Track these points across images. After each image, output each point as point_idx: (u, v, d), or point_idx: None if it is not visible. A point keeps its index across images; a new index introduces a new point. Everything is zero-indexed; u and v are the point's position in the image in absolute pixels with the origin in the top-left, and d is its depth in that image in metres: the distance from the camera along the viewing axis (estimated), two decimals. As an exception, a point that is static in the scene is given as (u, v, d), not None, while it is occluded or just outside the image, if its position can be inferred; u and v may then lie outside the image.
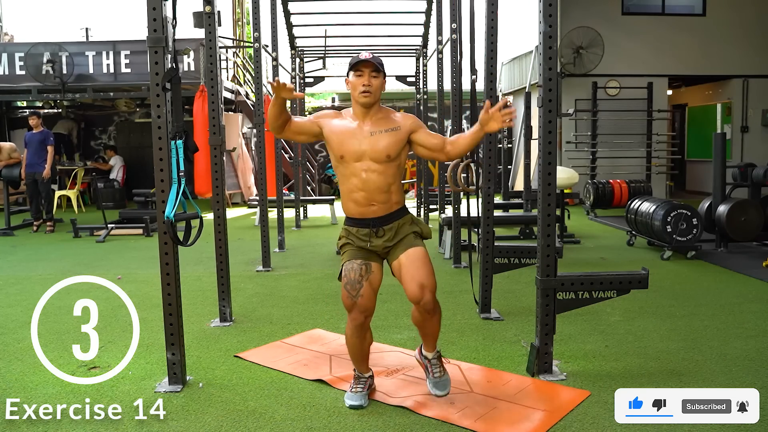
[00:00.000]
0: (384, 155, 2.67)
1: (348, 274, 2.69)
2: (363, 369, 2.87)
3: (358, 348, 2.78)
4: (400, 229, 2.75)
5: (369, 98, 2.67)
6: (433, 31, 7.37)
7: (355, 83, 2.68)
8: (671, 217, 6.11)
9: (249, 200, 10.88)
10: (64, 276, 5.82)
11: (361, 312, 2.67)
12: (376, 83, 2.68)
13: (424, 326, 2.79)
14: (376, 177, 2.68)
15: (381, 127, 2.70)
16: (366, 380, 2.86)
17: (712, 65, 11.74)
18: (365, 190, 2.69)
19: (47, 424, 2.63)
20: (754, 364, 3.24)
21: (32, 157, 8.55)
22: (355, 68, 2.68)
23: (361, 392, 2.81)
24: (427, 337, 2.84)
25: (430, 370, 2.86)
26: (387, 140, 2.68)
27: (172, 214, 2.84)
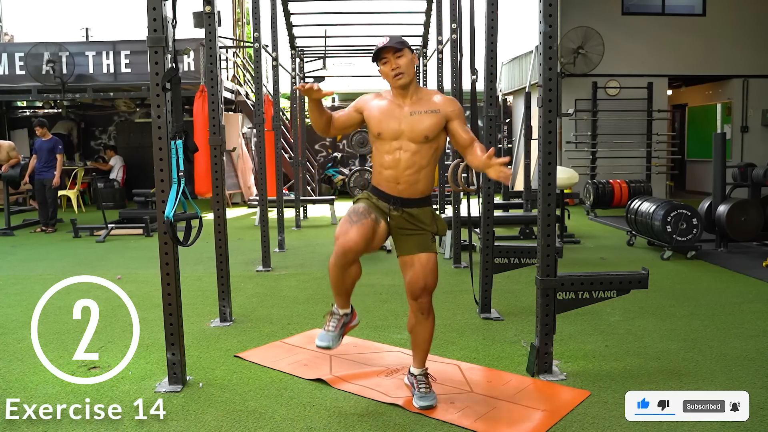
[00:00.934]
0: (422, 136, 2.69)
1: (356, 208, 2.72)
2: (341, 302, 2.84)
3: (340, 279, 2.75)
4: (419, 217, 2.75)
5: (403, 79, 2.68)
6: (433, 31, 7.37)
7: (385, 71, 2.70)
8: (671, 217, 6.11)
9: (249, 200, 10.89)
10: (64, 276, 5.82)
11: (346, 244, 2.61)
12: (404, 62, 2.67)
13: (417, 331, 2.81)
14: (409, 157, 2.69)
15: (421, 108, 2.71)
16: (340, 318, 2.84)
17: (712, 65, 11.74)
18: (395, 168, 2.70)
19: (47, 424, 2.63)
20: (754, 364, 3.24)
21: (41, 164, 8.58)
22: (378, 59, 2.70)
23: (332, 332, 2.80)
24: (418, 347, 2.84)
25: (416, 386, 2.82)
26: (427, 121, 2.69)
27: (171, 214, 2.84)
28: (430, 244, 2.78)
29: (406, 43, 2.70)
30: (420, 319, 2.77)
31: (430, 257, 2.75)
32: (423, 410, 2.72)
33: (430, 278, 2.73)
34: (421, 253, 2.73)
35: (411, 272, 2.73)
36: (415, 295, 2.73)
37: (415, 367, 2.88)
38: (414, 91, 2.74)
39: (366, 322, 4.07)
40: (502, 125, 11.43)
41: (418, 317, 2.77)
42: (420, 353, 2.85)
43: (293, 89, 10.46)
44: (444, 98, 2.78)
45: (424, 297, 2.73)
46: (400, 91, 2.72)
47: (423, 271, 2.71)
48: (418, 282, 2.71)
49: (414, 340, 2.85)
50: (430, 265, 2.73)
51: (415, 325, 2.80)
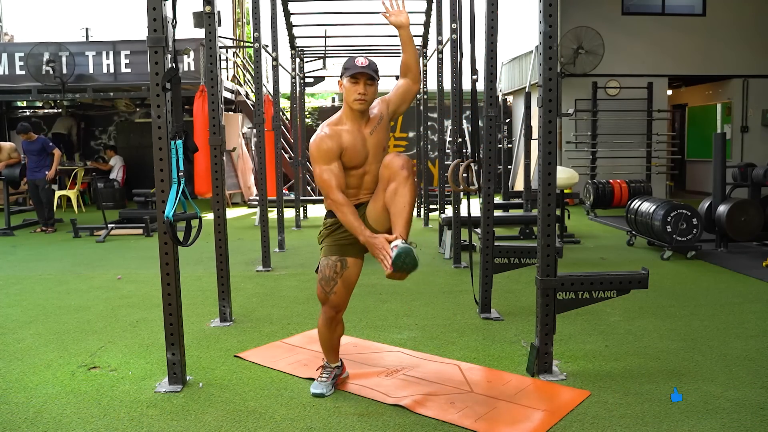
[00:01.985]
0: (381, 149, 2.79)
1: (323, 271, 2.79)
2: (331, 359, 2.98)
3: (327, 338, 2.91)
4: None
5: (363, 106, 2.72)
6: (433, 31, 7.38)
7: (350, 89, 2.70)
8: (671, 217, 6.11)
9: (249, 200, 10.89)
10: (64, 276, 5.85)
11: (332, 308, 2.80)
12: (371, 91, 2.72)
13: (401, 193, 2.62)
14: (371, 177, 2.78)
15: (374, 124, 2.79)
16: (332, 370, 2.97)
17: (712, 65, 11.74)
18: (358, 187, 2.79)
19: (47, 424, 2.63)
20: (754, 364, 3.24)
21: (32, 164, 8.59)
22: (351, 76, 2.69)
23: (325, 381, 2.92)
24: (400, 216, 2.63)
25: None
26: (381, 134, 2.79)
27: (171, 214, 2.84)
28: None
29: (378, 75, 2.73)
30: (401, 180, 2.62)
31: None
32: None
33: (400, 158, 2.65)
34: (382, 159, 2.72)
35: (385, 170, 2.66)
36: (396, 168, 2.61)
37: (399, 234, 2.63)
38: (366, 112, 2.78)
39: (366, 322, 4.08)
40: (502, 125, 11.42)
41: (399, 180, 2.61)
42: (401, 220, 2.63)
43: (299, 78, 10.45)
44: (379, 101, 2.84)
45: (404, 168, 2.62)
46: (358, 114, 2.75)
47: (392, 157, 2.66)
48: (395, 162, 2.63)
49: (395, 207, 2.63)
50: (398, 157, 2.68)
51: (397, 187, 2.62)
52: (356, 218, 2.64)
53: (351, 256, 2.78)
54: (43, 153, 8.59)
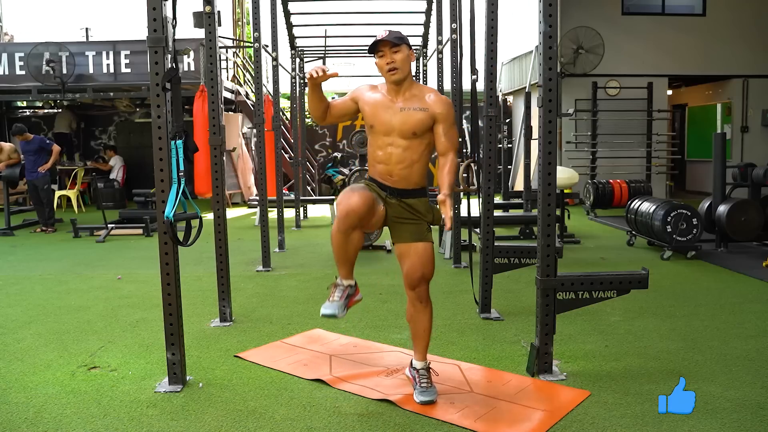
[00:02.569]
0: (410, 132, 2.74)
1: (356, 184, 2.79)
2: (344, 273, 2.84)
3: (341, 243, 2.73)
4: (415, 206, 2.81)
5: (397, 74, 2.71)
6: (433, 31, 7.37)
7: (380, 64, 2.72)
8: (671, 217, 6.11)
9: (249, 200, 10.88)
10: (64, 276, 5.85)
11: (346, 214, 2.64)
12: (400, 57, 2.70)
13: (416, 321, 2.86)
14: (400, 152, 2.75)
15: (412, 105, 2.75)
16: (345, 288, 2.84)
17: (712, 65, 11.74)
18: (387, 163, 2.77)
19: (47, 424, 2.63)
20: (754, 364, 3.24)
21: (30, 165, 8.60)
22: (375, 51, 2.72)
23: (337, 301, 2.80)
24: (419, 338, 2.88)
25: (417, 381, 2.85)
26: (416, 118, 2.73)
27: (171, 214, 2.84)
28: (426, 233, 2.83)
29: (404, 39, 2.72)
30: (419, 308, 2.84)
31: (426, 246, 2.80)
32: (423, 405, 2.74)
33: (428, 268, 2.80)
34: (418, 243, 2.79)
35: (408, 262, 2.79)
36: (413, 285, 2.80)
37: (417, 359, 2.90)
38: (408, 87, 2.77)
39: (366, 322, 4.08)
40: (502, 125, 11.42)
41: (416, 306, 2.84)
42: (421, 344, 2.88)
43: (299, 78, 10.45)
44: (437, 98, 2.79)
45: (422, 286, 2.80)
46: (393, 86, 2.76)
47: (420, 260, 2.78)
48: (416, 272, 2.78)
49: (414, 331, 2.90)
50: (427, 254, 2.79)
51: (414, 314, 2.86)
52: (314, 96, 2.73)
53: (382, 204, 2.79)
54: (40, 153, 8.59)
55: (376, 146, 2.79)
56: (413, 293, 2.82)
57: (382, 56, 2.70)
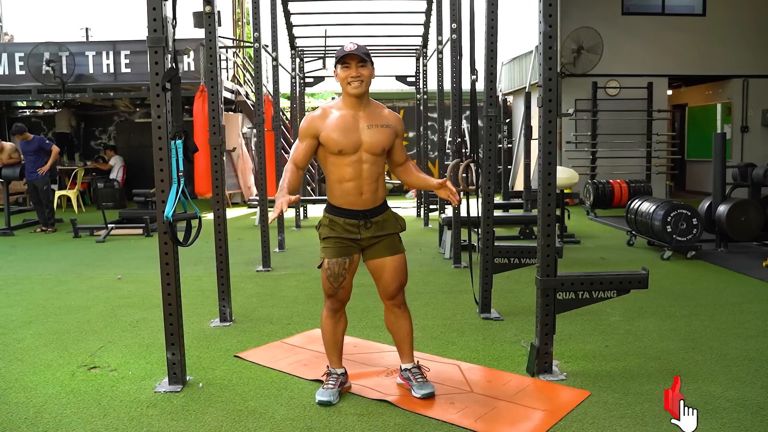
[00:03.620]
0: (380, 149, 2.75)
1: (332, 267, 2.78)
2: (335, 361, 2.92)
3: (331, 332, 2.87)
4: (384, 224, 2.82)
5: (360, 88, 2.70)
6: (433, 31, 7.38)
7: (342, 76, 2.71)
8: (671, 217, 6.11)
9: (249, 200, 10.89)
10: (64, 276, 5.85)
11: (340, 300, 2.83)
12: (365, 73, 2.70)
13: (398, 327, 2.92)
14: (368, 167, 2.75)
15: (376, 122, 2.76)
16: (338, 377, 2.90)
17: (712, 65, 11.74)
18: (357, 179, 2.74)
19: (47, 424, 2.63)
20: (754, 364, 3.24)
21: (30, 165, 8.60)
22: (341, 61, 2.70)
23: (332, 389, 2.86)
24: (404, 342, 2.93)
25: (412, 379, 2.89)
26: (382, 135, 2.75)
27: (171, 214, 2.84)
28: (398, 244, 2.87)
29: (370, 57, 2.74)
30: (398, 314, 2.90)
31: (400, 258, 2.85)
32: (425, 399, 2.79)
33: (403, 277, 2.85)
34: (393, 255, 2.82)
35: (385, 276, 2.83)
36: (390, 296, 2.86)
37: (406, 362, 2.94)
38: (367, 102, 2.78)
39: (366, 322, 4.08)
40: (502, 125, 11.42)
41: (395, 312, 2.90)
42: (406, 347, 2.94)
43: (299, 78, 10.45)
44: (391, 114, 2.85)
45: (399, 295, 2.87)
46: (353, 99, 2.73)
47: (396, 272, 2.83)
48: (393, 283, 2.83)
49: (398, 337, 2.94)
50: (401, 265, 2.84)
51: (394, 320, 2.92)
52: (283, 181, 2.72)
53: (354, 253, 2.81)
54: (40, 153, 8.59)
55: (344, 164, 2.72)
56: (391, 302, 2.88)
57: (347, 68, 2.69)
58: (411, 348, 2.96)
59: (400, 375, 2.97)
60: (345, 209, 2.77)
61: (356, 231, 2.77)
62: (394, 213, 2.89)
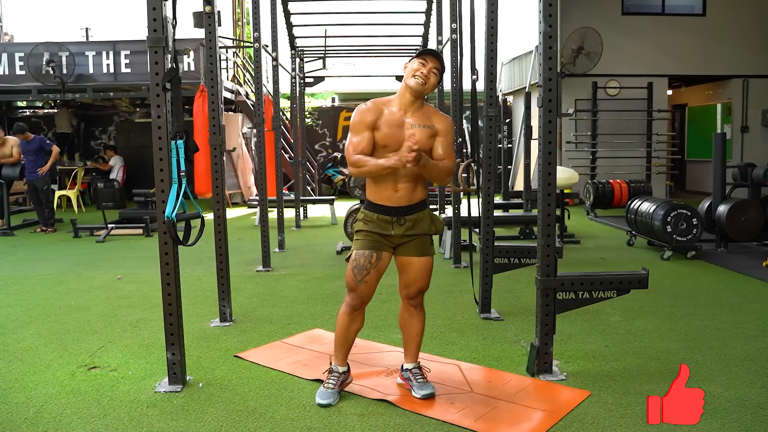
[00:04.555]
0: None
1: (358, 259, 2.78)
2: (341, 359, 2.91)
3: (345, 329, 2.86)
4: (419, 223, 2.81)
5: (420, 87, 2.71)
6: (433, 31, 7.36)
7: (415, 68, 2.72)
8: (671, 217, 6.11)
9: (249, 200, 10.88)
10: (64, 276, 5.85)
11: (360, 297, 2.81)
12: (433, 80, 2.74)
13: (410, 325, 2.93)
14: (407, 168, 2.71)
15: (421, 122, 2.77)
16: (339, 376, 2.90)
17: (712, 65, 11.74)
18: (394, 175, 2.74)
19: (47, 424, 2.63)
20: (754, 364, 3.24)
21: (30, 165, 8.59)
22: (421, 55, 2.73)
23: (332, 389, 2.86)
24: (412, 342, 2.94)
25: (413, 379, 2.90)
26: (422, 135, 2.74)
27: (172, 214, 2.84)
28: (429, 247, 2.86)
29: (444, 72, 2.78)
30: (413, 313, 2.92)
31: (427, 261, 2.84)
32: (425, 399, 2.80)
33: (426, 281, 2.86)
34: (421, 257, 2.82)
35: (408, 275, 2.84)
36: (410, 296, 2.87)
37: (408, 362, 2.96)
38: (419, 104, 2.79)
39: (366, 322, 4.04)
40: (502, 125, 11.42)
41: (411, 312, 2.92)
42: (413, 347, 2.95)
43: (298, 78, 10.44)
44: (439, 116, 2.84)
45: (418, 297, 2.88)
46: (409, 97, 2.75)
47: (420, 274, 2.83)
48: (415, 285, 2.84)
49: (408, 335, 2.95)
50: (427, 268, 2.85)
51: (408, 318, 2.93)
52: (375, 160, 2.68)
53: (384, 250, 2.80)
54: (40, 153, 8.59)
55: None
56: (409, 302, 2.89)
57: (423, 65, 2.71)
58: (417, 349, 2.96)
59: (401, 375, 2.98)
60: (380, 205, 2.78)
61: (389, 227, 2.77)
62: (432, 214, 2.88)
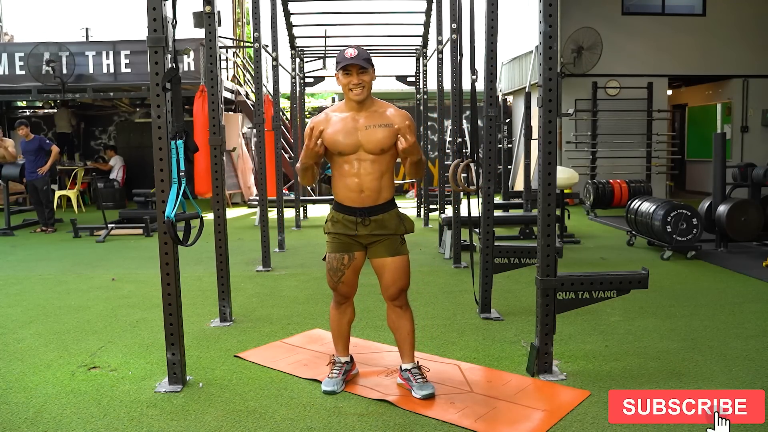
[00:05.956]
0: (378, 148, 2.77)
1: (331, 262, 2.87)
2: (341, 351, 3.02)
3: (337, 322, 3.00)
4: (386, 223, 2.83)
5: (361, 95, 2.75)
6: (433, 31, 7.38)
7: (344, 82, 2.75)
8: (671, 217, 6.11)
9: (249, 200, 10.89)
10: (64, 276, 5.85)
11: (342, 294, 2.93)
12: (366, 79, 2.74)
13: (399, 327, 2.95)
14: (369, 165, 2.78)
15: (375, 122, 2.78)
16: (342, 365, 2.99)
17: (712, 65, 11.74)
18: (358, 176, 2.79)
19: (47, 424, 2.63)
20: (754, 364, 3.24)
21: (30, 165, 8.59)
22: (342, 68, 2.73)
23: (336, 377, 2.94)
24: (405, 342, 2.96)
25: (412, 379, 2.91)
26: (381, 134, 2.76)
27: (172, 214, 2.84)
28: (400, 246, 2.88)
29: (371, 62, 2.76)
30: (399, 314, 2.94)
31: (401, 260, 2.87)
32: (425, 399, 2.80)
33: (404, 280, 2.88)
34: (394, 257, 2.85)
35: (386, 276, 2.87)
36: (391, 297, 2.90)
37: (406, 362, 2.97)
38: (369, 104, 2.81)
39: (366, 322, 4.07)
40: (502, 125, 11.42)
41: (397, 312, 2.94)
42: (407, 347, 2.97)
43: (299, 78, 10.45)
44: (397, 112, 2.84)
45: (400, 297, 2.91)
46: (355, 104, 2.77)
47: (396, 274, 2.86)
48: (393, 285, 2.87)
49: (399, 336, 2.97)
50: (402, 268, 2.87)
51: (396, 320, 2.96)
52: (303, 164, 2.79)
53: (356, 250, 2.85)
54: (40, 153, 8.59)
55: (344, 162, 2.79)
56: (393, 302, 2.91)
57: (348, 75, 2.72)
58: (412, 348, 2.97)
59: (400, 375, 2.98)
60: (346, 206, 2.83)
61: (353, 228, 2.81)
62: (400, 214, 2.89)
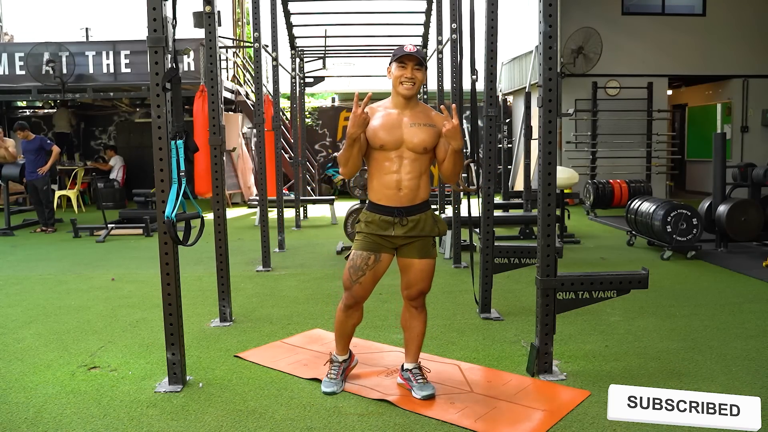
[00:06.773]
0: (421, 147, 2.74)
1: (355, 259, 2.81)
2: (341, 349, 3.00)
3: (342, 323, 2.95)
4: (422, 224, 2.80)
5: (411, 90, 2.73)
6: (433, 31, 7.37)
7: (398, 74, 2.73)
8: (671, 217, 6.11)
9: (249, 200, 10.89)
10: (64, 276, 5.85)
11: (353, 296, 2.85)
12: (419, 76, 2.74)
13: (411, 326, 2.94)
14: (410, 163, 2.75)
15: (420, 121, 2.76)
16: (340, 365, 2.99)
17: (712, 65, 11.74)
18: (398, 173, 2.75)
19: (47, 424, 2.63)
20: (754, 364, 3.24)
21: (30, 165, 8.59)
22: (399, 60, 2.72)
23: (334, 378, 2.95)
24: (413, 342, 2.95)
25: (413, 379, 2.91)
26: (424, 134, 2.74)
27: (172, 214, 2.84)
28: (431, 249, 2.86)
29: (426, 62, 2.77)
30: (414, 314, 2.93)
31: (429, 263, 2.84)
32: (425, 400, 2.80)
33: (427, 283, 2.87)
34: (422, 259, 2.82)
35: (409, 276, 2.85)
36: (410, 297, 2.89)
37: (409, 362, 2.97)
38: (414, 104, 2.81)
39: (366, 322, 4.05)
40: (502, 125, 11.42)
41: (412, 312, 2.93)
42: (414, 347, 2.96)
43: (299, 78, 10.45)
44: (438, 115, 2.84)
45: (419, 299, 2.89)
46: (400, 99, 2.77)
47: (420, 276, 2.83)
48: (416, 286, 2.85)
49: (409, 335, 2.96)
50: (428, 270, 2.85)
51: (410, 319, 2.94)
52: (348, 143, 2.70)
53: (384, 252, 2.81)
54: (40, 152, 8.59)
55: (384, 159, 2.75)
56: (411, 303, 2.90)
57: (403, 68, 2.71)
58: (418, 349, 2.97)
59: (401, 375, 2.98)
60: (382, 206, 2.78)
61: (389, 228, 2.77)
62: (435, 215, 2.87)
